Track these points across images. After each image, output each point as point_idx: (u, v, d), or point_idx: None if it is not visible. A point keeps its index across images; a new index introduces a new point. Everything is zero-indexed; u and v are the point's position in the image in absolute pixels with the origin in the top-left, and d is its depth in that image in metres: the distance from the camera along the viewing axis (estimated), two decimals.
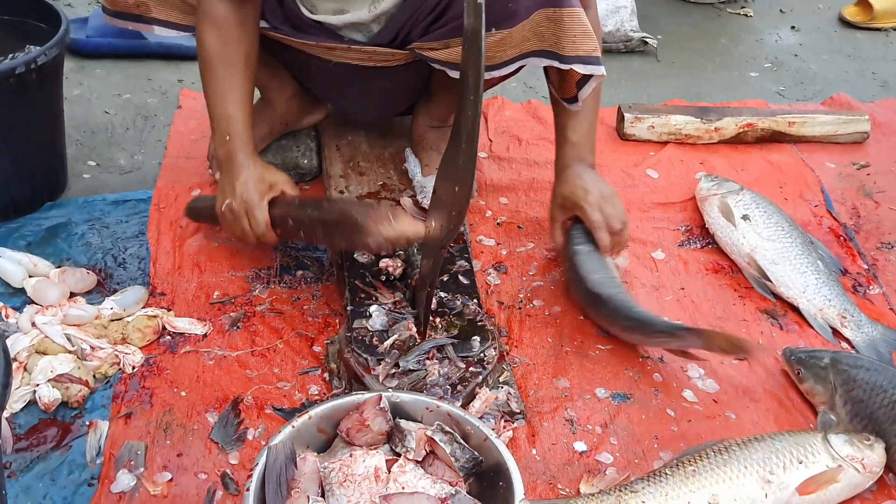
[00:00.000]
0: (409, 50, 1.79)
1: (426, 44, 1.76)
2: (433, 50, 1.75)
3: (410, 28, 1.77)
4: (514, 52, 1.72)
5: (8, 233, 1.92)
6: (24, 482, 1.43)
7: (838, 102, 2.62)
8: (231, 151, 1.71)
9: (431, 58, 1.77)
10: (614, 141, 2.40)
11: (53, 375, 1.56)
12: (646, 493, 1.39)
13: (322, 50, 1.83)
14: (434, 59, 1.77)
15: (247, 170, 1.70)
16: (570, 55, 1.69)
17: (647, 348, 1.75)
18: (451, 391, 1.51)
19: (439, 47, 1.74)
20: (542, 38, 1.70)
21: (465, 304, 1.68)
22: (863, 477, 1.45)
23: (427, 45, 1.76)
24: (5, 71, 1.80)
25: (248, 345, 1.70)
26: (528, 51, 1.72)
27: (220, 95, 1.72)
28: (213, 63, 1.71)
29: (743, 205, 2.01)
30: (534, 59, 1.73)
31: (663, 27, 3.09)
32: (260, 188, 1.70)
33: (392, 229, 1.56)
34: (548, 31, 1.68)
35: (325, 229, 1.68)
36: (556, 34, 1.68)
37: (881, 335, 1.78)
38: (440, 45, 1.74)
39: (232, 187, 1.70)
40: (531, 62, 1.74)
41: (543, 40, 1.70)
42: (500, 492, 1.25)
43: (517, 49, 1.71)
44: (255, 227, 1.69)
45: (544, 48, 1.71)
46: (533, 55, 1.73)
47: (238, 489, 1.43)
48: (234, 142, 1.71)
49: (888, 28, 3.19)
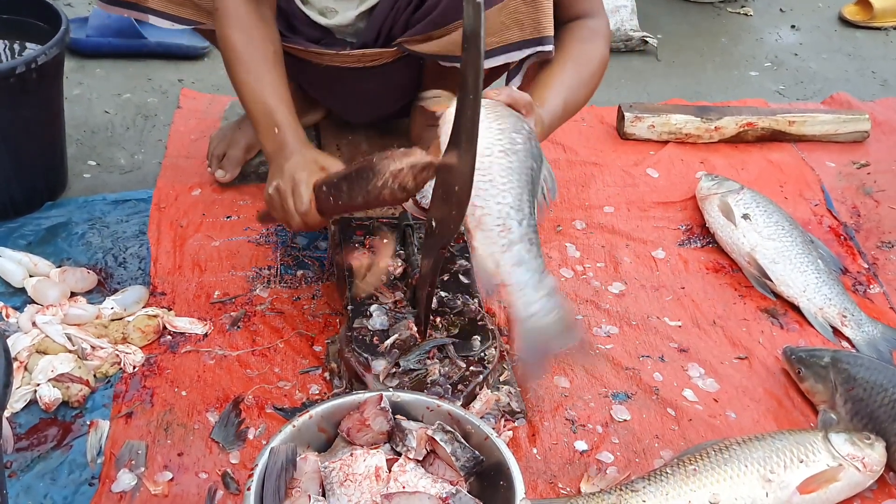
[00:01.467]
0: (396, 46, 1.79)
1: (411, 38, 1.76)
2: (419, 43, 1.75)
3: (392, 23, 1.77)
4: (496, 40, 1.69)
5: (8, 232, 1.92)
6: (24, 481, 1.43)
7: (838, 101, 2.62)
8: (282, 141, 1.63)
9: (418, 51, 1.77)
10: (614, 140, 2.40)
11: (54, 375, 1.56)
12: (646, 493, 1.39)
13: (312, 55, 1.84)
14: (421, 51, 1.76)
15: (299, 154, 1.62)
16: (547, 36, 1.68)
17: (647, 347, 1.75)
18: (451, 390, 1.51)
19: (423, 40, 1.74)
20: (522, 25, 1.67)
21: (466, 304, 1.68)
22: (863, 476, 1.45)
23: (413, 39, 1.76)
24: (5, 70, 1.80)
25: (248, 344, 1.70)
26: (510, 42, 1.70)
27: (257, 91, 1.66)
28: (243, 60, 1.67)
29: (743, 204, 2.01)
30: (517, 52, 1.71)
31: (663, 26, 3.09)
32: (311, 167, 1.60)
33: (398, 163, 1.43)
34: (526, 16, 1.66)
35: (349, 185, 1.54)
36: (533, 17, 1.66)
37: (881, 334, 1.79)
38: (423, 38, 1.74)
39: (281, 170, 1.61)
40: (514, 57, 1.72)
41: (523, 28, 1.68)
42: (501, 491, 1.25)
43: (497, 37, 1.69)
44: (299, 203, 1.57)
45: (525, 38, 1.69)
46: (516, 48, 1.70)
47: (239, 488, 1.43)
48: (283, 132, 1.64)
49: (888, 27, 3.19)
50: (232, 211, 2.03)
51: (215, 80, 2.59)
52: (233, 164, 2.08)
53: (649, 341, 1.77)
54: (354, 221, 1.87)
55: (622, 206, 2.15)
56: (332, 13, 1.81)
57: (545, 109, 1.61)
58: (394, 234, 1.79)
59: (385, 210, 1.95)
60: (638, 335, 1.79)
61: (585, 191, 2.19)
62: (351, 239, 1.81)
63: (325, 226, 1.67)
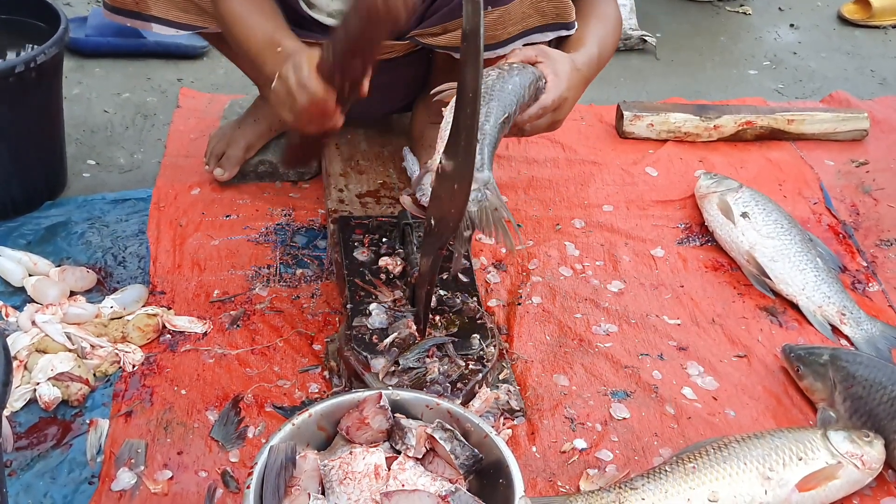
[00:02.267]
0: (409, 39, 1.79)
1: (425, 31, 1.76)
2: (433, 36, 1.76)
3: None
4: (516, 28, 1.72)
5: (7, 232, 1.92)
6: (24, 480, 1.43)
7: (837, 100, 2.62)
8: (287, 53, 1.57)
9: (432, 44, 1.77)
10: (613, 139, 2.40)
11: (54, 374, 1.56)
12: (646, 490, 1.39)
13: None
14: (435, 45, 1.77)
15: (300, 51, 1.56)
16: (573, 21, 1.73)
17: (646, 345, 1.75)
18: (451, 389, 1.51)
19: (438, 32, 1.75)
20: (543, 13, 1.70)
21: (465, 302, 1.69)
22: (862, 473, 1.45)
23: (427, 32, 1.76)
24: (5, 70, 1.80)
25: (248, 343, 1.70)
26: (530, 27, 1.73)
27: (254, 23, 1.63)
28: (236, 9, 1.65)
29: (742, 202, 2.01)
30: (536, 35, 1.74)
31: (662, 25, 3.09)
32: (310, 53, 1.53)
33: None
34: (548, 4, 1.70)
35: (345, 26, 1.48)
36: (555, 5, 1.70)
37: (880, 332, 1.79)
38: (439, 29, 1.74)
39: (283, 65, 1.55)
40: (534, 38, 1.74)
41: (545, 15, 1.71)
42: (501, 489, 1.25)
43: (519, 26, 1.72)
44: (300, 73, 1.50)
45: (547, 22, 1.72)
46: (536, 31, 1.73)
47: (238, 487, 1.43)
48: (285, 46, 1.59)
49: (887, 26, 3.19)
50: (231, 210, 2.03)
51: (214, 79, 2.59)
52: (232, 163, 2.08)
53: (648, 339, 1.78)
54: (354, 220, 1.88)
55: (621, 204, 2.15)
56: (340, 16, 1.80)
57: (581, 58, 1.67)
58: None
59: (384, 209, 1.96)
60: (637, 333, 1.79)
61: (584, 189, 2.19)
62: (350, 237, 1.81)
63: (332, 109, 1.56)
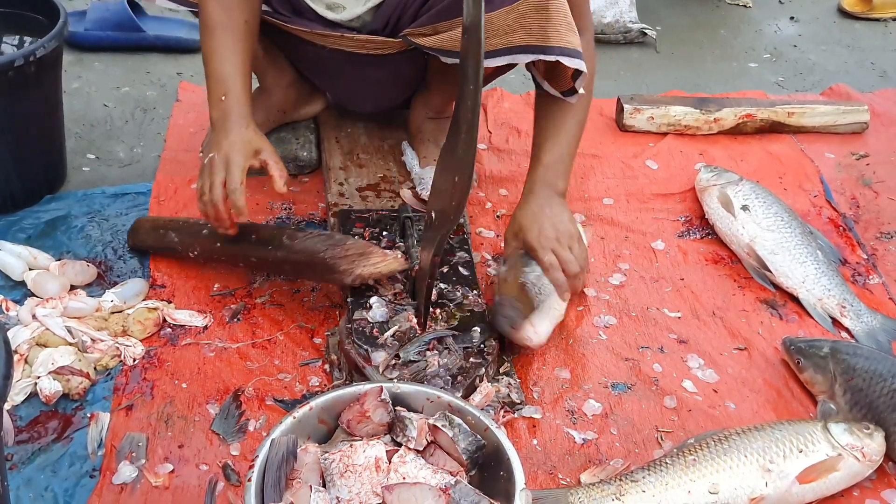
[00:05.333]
0: (401, 38, 1.79)
1: (416, 30, 1.75)
2: (424, 36, 1.75)
3: (401, 13, 1.76)
4: (500, 42, 1.69)
5: (7, 226, 1.92)
6: (25, 474, 1.43)
7: (837, 93, 2.62)
8: (225, 111, 1.68)
9: (422, 45, 1.76)
10: (614, 132, 2.39)
11: (54, 368, 1.56)
12: (646, 483, 1.39)
13: (317, 37, 1.83)
14: (425, 45, 1.76)
15: (237, 131, 1.66)
16: (555, 45, 1.66)
17: (647, 338, 1.75)
18: (451, 382, 1.51)
19: (429, 33, 1.74)
20: (530, 31, 1.66)
21: (466, 296, 1.69)
22: (862, 465, 1.46)
23: (418, 32, 1.75)
24: (4, 64, 1.79)
25: (248, 337, 1.70)
26: (515, 45, 1.69)
27: (218, 58, 1.70)
28: (213, 28, 1.70)
29: (742, 195, 2.01)
30: (521, 55, 1.70)
31: (662, 18, 3.08)
32: (246, 150, 1.65)
33: (369, 269, 1.61)
34: (535, 22, 1.65)
35: (294, 268, 1.71)
36: (542, 26, 1.66)
37: (880, 324, 1.79)
38: (429, 30, 1.73)
39: (219, 144, 1.66)
40: (519, 59, 1.71)
41: (530, 34, 1.67)
42: (501, 482, 1.25)
43: (503, 40, 1.68)
44: (231, 181, 1.62)
45: (530, 43, 1.68)
46: (520, 51, 1.70)
47: (239, 480, 1.43)
48: (229, 102, 1.68)
49: (887, 18, 3.18)
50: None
51: None
52: None
53: (649, 332, 1.78)
54: (354, 214, 1.87)
55: (621, 197, 2.15)
56: (339, 8, 1.80)
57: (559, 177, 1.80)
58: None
59: (384, 202, 1.96)
60: (637, 326, 1.79)
61: (585, 183, 2.19)
62: (351, 231, 1.81)
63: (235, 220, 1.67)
